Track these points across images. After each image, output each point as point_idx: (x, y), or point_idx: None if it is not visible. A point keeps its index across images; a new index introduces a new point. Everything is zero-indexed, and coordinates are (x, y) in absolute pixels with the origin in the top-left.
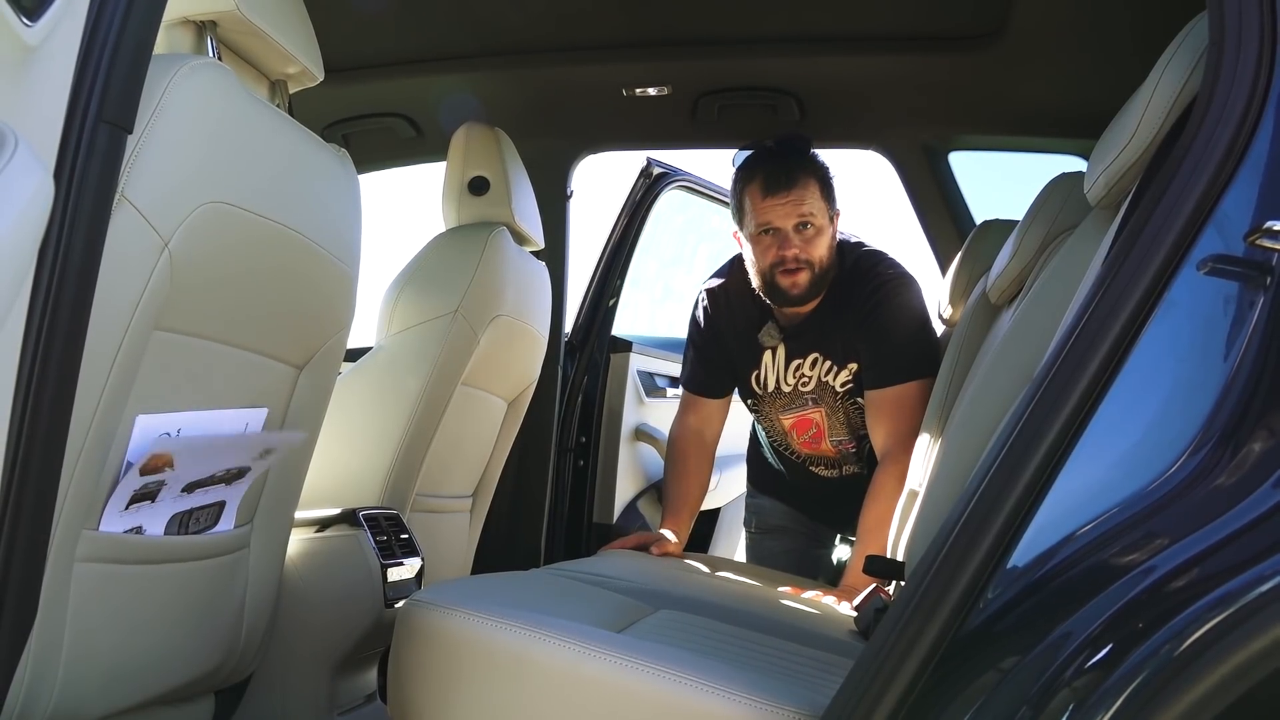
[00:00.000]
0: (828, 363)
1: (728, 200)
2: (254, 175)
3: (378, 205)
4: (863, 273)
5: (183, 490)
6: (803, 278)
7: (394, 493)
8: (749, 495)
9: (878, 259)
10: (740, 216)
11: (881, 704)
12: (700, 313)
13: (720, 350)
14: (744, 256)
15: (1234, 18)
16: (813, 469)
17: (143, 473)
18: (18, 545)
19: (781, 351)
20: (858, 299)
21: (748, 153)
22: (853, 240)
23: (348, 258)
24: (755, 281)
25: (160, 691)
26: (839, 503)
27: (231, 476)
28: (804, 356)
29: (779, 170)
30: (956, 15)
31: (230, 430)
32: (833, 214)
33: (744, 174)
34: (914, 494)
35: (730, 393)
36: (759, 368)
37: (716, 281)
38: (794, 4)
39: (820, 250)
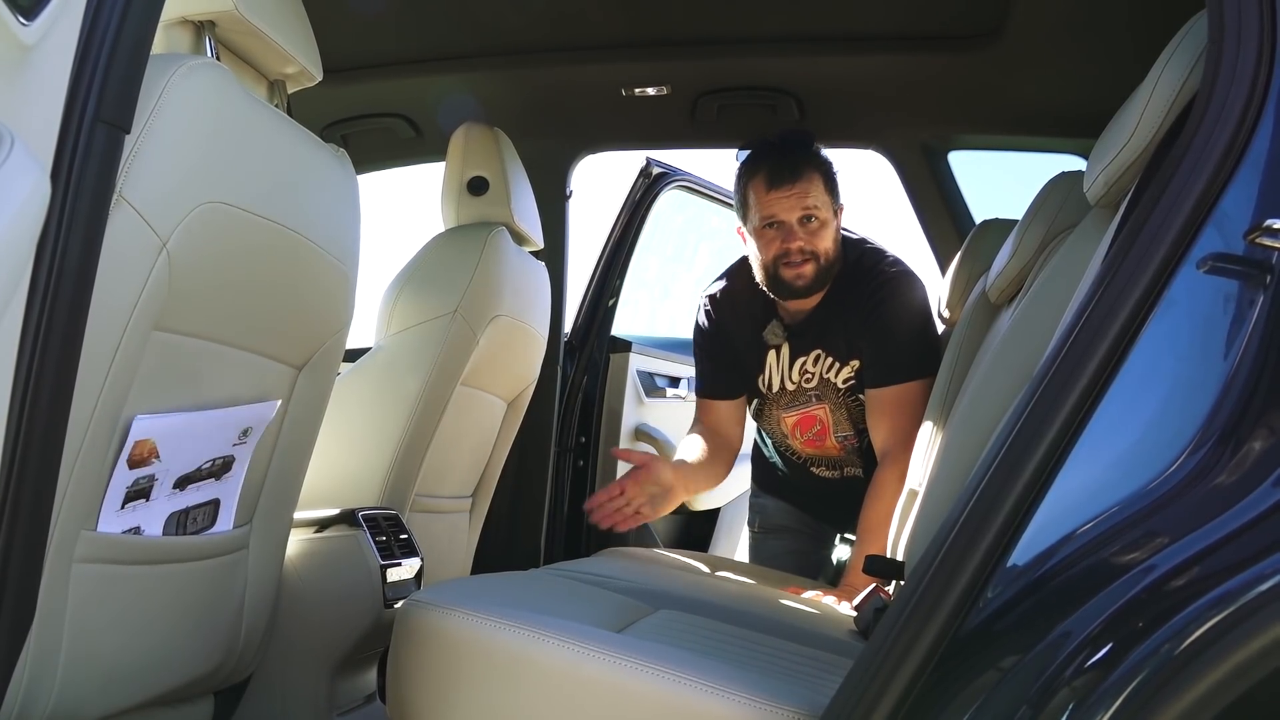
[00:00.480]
0: (830, 359)
1: (727, 200)
2: (252, 175)
3: (377, 206)
4: (866, 269)
5: (174, 486)
6: (807, 270)
7: (393, 493)
8: (753, 495)
9: (881, 255)
10: (744, 211)
11: (881, 704)
12: (704, 318)
13: (729, 350)
14: (748, 251)
15: (1233, 16)
16: (813, 469)
17: (130, 465)
18: (16, 545)
19: (786, 349)
20: (861, 295)
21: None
22: (856, 237)
23: (346, 258)
24: (759, 276)
25: (159, 692)
26: (842, 503)
27: (219, 469)
28: (807, 353)
29: (783, 164)
30: (955, 14)
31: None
32: (836, 208)
33: (748, 168)
34: (914, 493)
35: (742, 396)
36: (763, 370)
37: (718, 286)
38: (793, 4)
39: (825, 243)
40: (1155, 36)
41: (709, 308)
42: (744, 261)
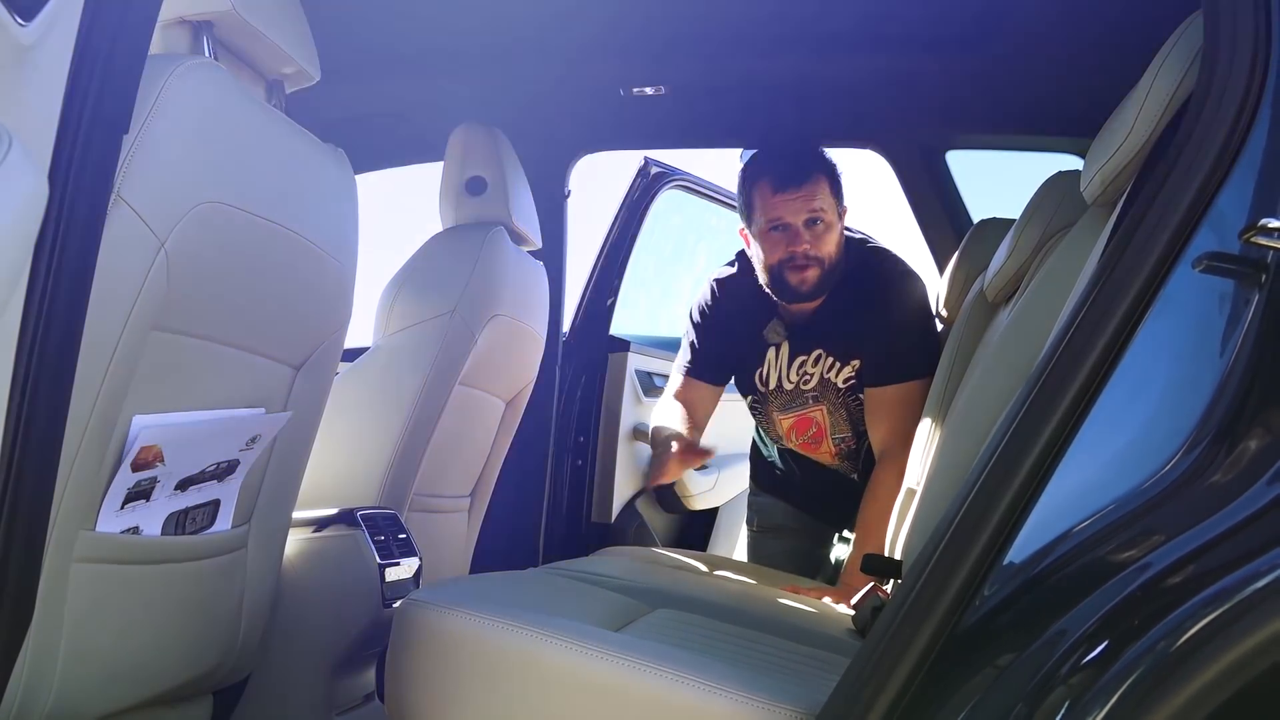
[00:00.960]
0: (830, 359)
1: (726, 199)
2: (251, 175)
3: (375, 206)
4: (868, 269)
5: (176, 488)
6: (811, 274)
7: (392, 492)
8: (751, 494)
9: (883, 255)
10: (748, 213)
11: (878, 701)
12: (710, 300)
13: (724, 339)
14: (751, 254)
15: (1229, 16)
16: (810, 457)
17: (134, 468)
18: (14, 545)
19: (785, 348)
20: (862, 295)
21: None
22: (858, 236)
23: (345, 257)
24: (763, 278)
25: (158, 691)
26: (840, 501)
27: (222, 472)
28: (808, 353)
29: (789, 166)
30: (953, 14)
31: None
32: (841, 210)
33: (753, 170)
34: (911, 492)
35: (723, 385)
36: (762, 364)
37: (727, 272)
38: (792, 4)
39: (829, 247)
40: (1152, 36)
41: (716, 291)
42: (748, 255)
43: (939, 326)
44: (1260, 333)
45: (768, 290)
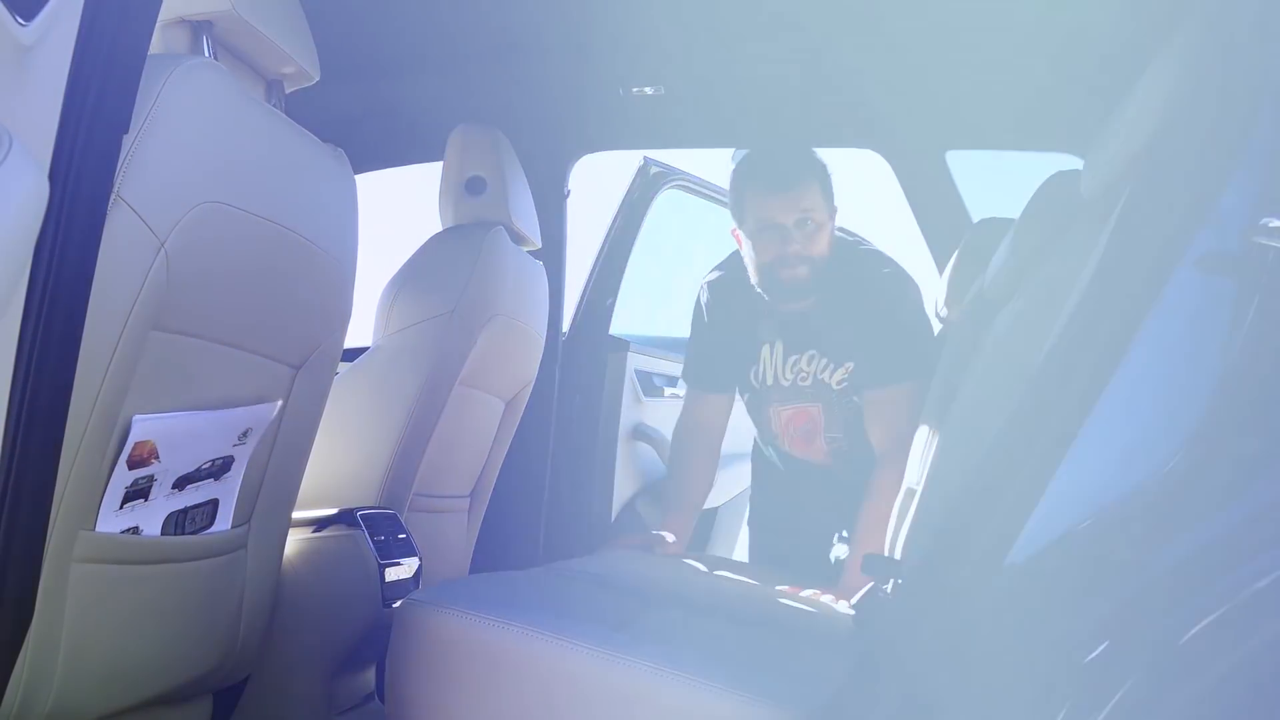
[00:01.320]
0: (824, 359)
1: (724, 200)
2: (250, 175)
3: (375, 206)
4: (861, 272)
5: (173, 487)
6: (803, 272)
7: (391, 492)
8: (752, 493)
9: (876, 257)
10: (740, 213)
11: (878, 701)
12: (703, 305)
13: (723, 343)
14: (743, 254)
15: (1229, 14)
16: (809, 461)
17: (130, 465)
18: (15, 545)
19: (780, 346)
20: (855, 298)
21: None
22: (852, 238)
23: (344, 257)
24: (754, 278)
25: (158, 692)
26: (840, 502)
27: (218, 469)
28: (801, 353)
29: (780, 167)
30: (952, 14)
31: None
32: (831, 210)
33: (744, 171)
34: (911, 492)
35: (732, 393)
36: (756, 363)
37: (717, 274)
38: (791, 4)
39: (820, 246)
40: (1153, 34)
41: (707, 296)
42: (740, 254)
43: (938, 327)
44: (1260, 332)
45: (759, 289)
